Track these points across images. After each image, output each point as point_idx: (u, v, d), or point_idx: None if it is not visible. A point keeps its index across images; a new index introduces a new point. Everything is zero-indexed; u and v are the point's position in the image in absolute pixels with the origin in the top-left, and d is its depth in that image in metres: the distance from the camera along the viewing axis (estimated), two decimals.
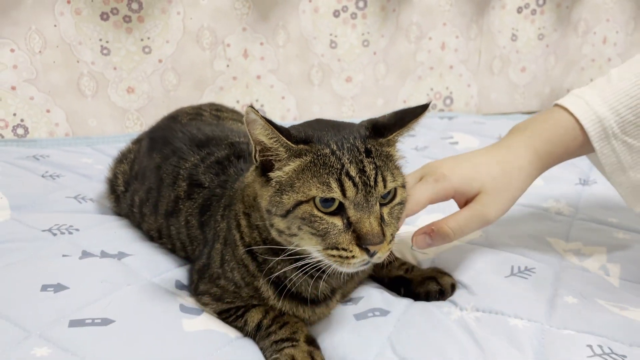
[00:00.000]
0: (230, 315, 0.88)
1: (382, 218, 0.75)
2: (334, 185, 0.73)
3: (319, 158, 0.74)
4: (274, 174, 0.77)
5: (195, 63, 1.70)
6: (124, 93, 1.67)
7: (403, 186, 0.80)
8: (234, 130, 1.16)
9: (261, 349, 0.83)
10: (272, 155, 0.77)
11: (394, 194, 0.78)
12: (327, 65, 1.85)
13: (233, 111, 1.39)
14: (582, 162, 1.33)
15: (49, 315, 0.82)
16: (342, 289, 0.93)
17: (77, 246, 1.04)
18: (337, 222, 0.73)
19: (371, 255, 0.73)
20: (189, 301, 0.93)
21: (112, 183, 1.26)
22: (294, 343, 0.80)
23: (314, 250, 0.75)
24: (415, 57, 1.93)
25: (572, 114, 0.94)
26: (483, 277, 1.00)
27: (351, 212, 0.73)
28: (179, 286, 0.97)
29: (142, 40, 1.63)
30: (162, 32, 1.64)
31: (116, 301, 0.88)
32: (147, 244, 1.10)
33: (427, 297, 0.95)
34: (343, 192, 0.73)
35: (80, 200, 1.28)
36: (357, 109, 1.91)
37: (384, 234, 0.73)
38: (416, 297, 0.95)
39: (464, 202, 0.94)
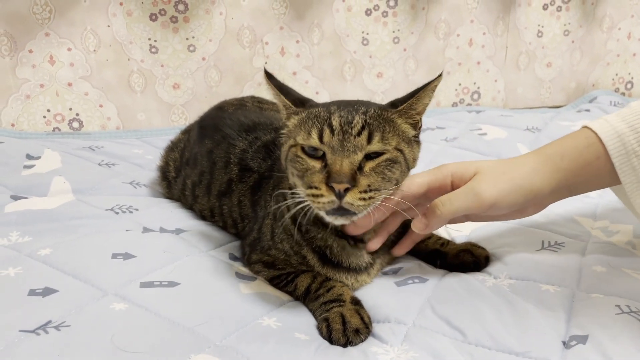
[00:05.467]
0: (281, 281, 0.96)
1: (360, 168, 0.81)
2: (315, 134, 0.82)
3: (312, 114, 0.85)
4: (284, 130, 0.90)
5: (236, 60, 1.80)
6: (170, 89, 1.78)
7: (399, 151, 0.84)
8: (277, 118, 1.26)
9: (310, 310, 0.90)
10: (284, 115, 0.91)
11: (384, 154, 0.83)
12: (359, 61, 1.93)
13: (273, 103, 1.47)
14: None
15: (121, 278, 0.91)
16: (382, 259, 1.00)
17: (138, 223, 1.14)
18: (316, 164, 0.83)
19: (339, 196, 0.78)
20: (243, 270, 1.01)
21: (164, 170, 1.35)
22: (341, 303, 0.87)
23: (302, 193, 0.84)
24: (443, 53, 2.00)
25: (591, 129, 0.90)
26: (515, 251, 1.06)
27: (329, 156, 0.81)
28: (233, 258, 1.06)
29: (187, 39, 1.74)
30: (206, 31, 1.75)
31: (179, 268, 0.96)
32: (200, 222, 1.19)
33: (462, 268, 1.00)
34: (320, 138, 0.82)
35: (135, 186, 1.38)
36: None
37: (354, 179, 0.79)
38: (451, 268, 1.01)
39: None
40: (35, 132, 1.69)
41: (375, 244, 0.96)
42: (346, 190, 0.78)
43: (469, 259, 1.02)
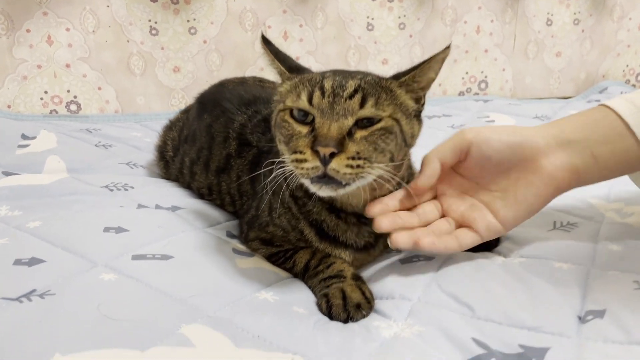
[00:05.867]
0: (279, 258, 0.92)
1: (350, 135, 0.74)
2: (304, 96, 0.77)
3: (305, 78, 0.81)
4: (276, 96, 0.85)
5: (238, 44, 1.76)
6: (170, 72, 1.74)
7: (395, 121, 0.78)
8: None
9: (310, 287, 0.86)
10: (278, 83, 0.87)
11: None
12: (364, 47, 1.89)
13: (275, 82, 1.44)
14: None
15: (112, 250, 0.87)
16: (385, 240, 0.96)
17: (133, 200, 1.10)
18: (303, 129, 0.77)
19: (324, 162, 0.72)
20: (241, 247, 0.97)
21: (162, 150, 1.32)
22: (342, 279, 0.83)
23: (287, 160, 0.77)
24: (450, 40, 1.96)
25: (608, 107, 0.84)
26: (526, 230, 1.02)
27: (317, 120, 0.75)
28: (230, 236, 1.02)
29: (188, 21, 1.70)
30: (207, 13, 1.71)
31: (173, 243, 0.92)
32: (197, 200, 1.15)
33: (471, 248, 0.97)
34: (310, 100, 0.77)
35: (132, 166, 1.34)
36: None
37: (342, 145, 0.72)
38: None
39: None
40: (32, 114, 1.65)
41: (374, 208, 0.84)
42: (332, 155, 0.72)
43: None
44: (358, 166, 0.73)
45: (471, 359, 0.66)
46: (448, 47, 0.81)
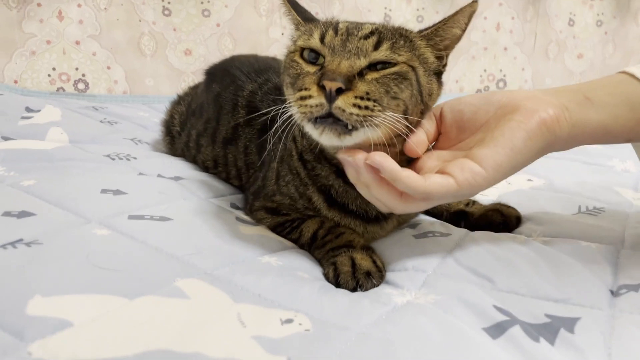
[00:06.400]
0: (285, 229, 0.86)
1: (361, 75, 0.69)
2: (316, 34, 0.72)
3: (320, 22, 0.77)
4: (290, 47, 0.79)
5: (252, 29, 1.72)
6: (182, 55, 1.70)
7: (412, 68, 0.72)
8: None
9: (316, 258, 0.80)
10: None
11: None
12: None
13: None
14: None
15: (108, 209, 0.82)
16: (398, 216, 0.89)
17: (135, 169, 1.05)
18: (311, 69, 0.71)
19: (329, 99, 0.65)
20: (245, 217, 0.91)
21: (169, 124, 1.27)
22: (351, 249, 0.77)
23: (291, 100, 0.71)
24: (469, 36, 1.91)
25: (626, 72, 0.75)
26: (549, 213, 0.96)
27: (327, 59, 0.70)
28: (234, 207, 0.96)
29: (202, 3, 1.67)
30: None
31: (173, 208, 0.87)
32: (202, 173, 1.10)
33: (490, 228, 0.90)
34: (322, 39, 0.71)
35: (136, 142, 1.30)
36: None
37: (350, 83, 0.66)
38: (477, 229, 0.91)
39: None
40: (38, 90, 1.62)
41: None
42: (339, 92, 0.65)
43: (498, 218, 0.92)
44: (367, 107, 0.66)
45: (492, 325, 0.60)
46: (475, 1, 0.75)
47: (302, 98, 0.68)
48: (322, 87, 0.66)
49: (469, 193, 0.68)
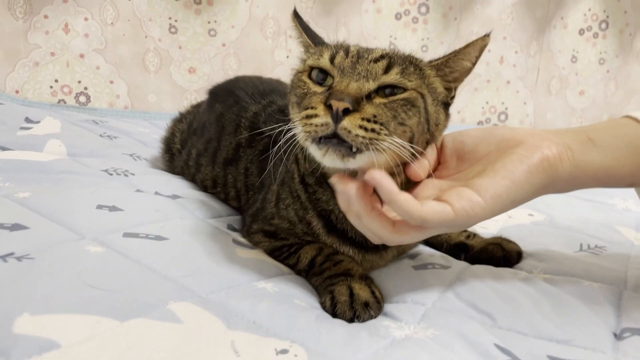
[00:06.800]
0: (282, 253, 0.85)
1: (369, 97, 0.68)
2: (326, 54, 0.72)
3: (331, 44, 0.76)
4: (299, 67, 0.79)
5: (257, 50, 1.73)
6: (186, 72, 1.70)
7: (421, 95, 0.71)
8: None
9: (313, 285, 0.78)
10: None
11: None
12: None
13: None
14: None
15: (103, 226, 0.80)
16: (397, 246, 0.88)
17: (132, 185, 1.04)
18: (318, 89, 0.71)
19: (336, 119, 0.64)
20: (242, 240, 0.90)
21: (169, 141, 1.26)
22: (350, 278, 0.75)
23: (296, 119, 0.69)
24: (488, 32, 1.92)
25: (630, 116, 0.75)
26: (550, 250, 0.94)
27: (336, 80, 0.69)
28: (231, 229, 0.95)
29: (209, 22, 1.68)
30: (229, 17, 1.68)
31: (170, 226, 0.85)
32: (200, 192, 1.08)
33: (490, 262, 0.88)
34: (332, 59, 0.71)
35: (135, 158, 1.28)
36: None
37: (358, 104, 0.65)
38: (478, 263, 0.89)
39: None
40: (39, 101, 1.61)
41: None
42: (346, 113, 0.64)
43: (499, 253, 0.90)
44: (373, 130, 0.65)
45: None
46: (487, 35, 0.74)
47: (308, 117, 0.66)
48: (329, 107, 0.65)
49: (465, 223, 0.66)
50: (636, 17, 2.01)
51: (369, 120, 0.65)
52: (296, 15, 0.83)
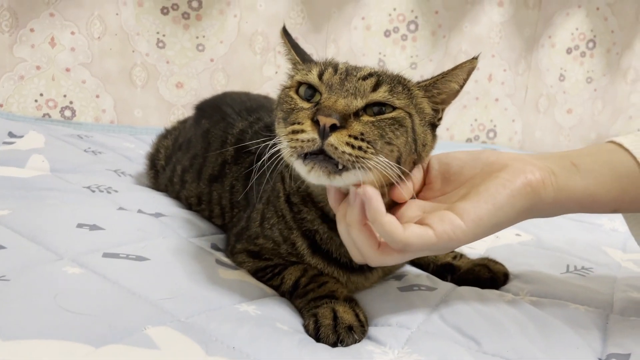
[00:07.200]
0: (266, 274, 0.83)
1: (357, 115, 0.67)
2: (315, 71, 0.71)
3: (320, 61, 0.76)
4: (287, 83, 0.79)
5: (246, 66, 1.72)
6: (173, 87, 1.69)
7: (408, 115, 0.71)
8: None
9: (297, 308, 0.77)
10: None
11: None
12: None
13: None
14: None
15: (82, 246, 0.79)
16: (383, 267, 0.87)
17: (115, 203, 1.02)
18: (306, 105, 0.70)
19: (323, 135, 0.63)
20: (225, 260, 0.88)
21: (154, 157, 1.25)
22: (334, 300, 0.73)
23: (281, 135, 0.68)
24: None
25: (614, 142, 0.75)
26: (537, 271, 0.94)
27: (324, 95, 0.68)
28: (215, 248, 0.93)
29: (197, 37, 1.67)
30: (218, 32, 1.68)
31: (151, 246, 0.84)
32: (184, 210, 1.07)
33: (477, 284, 0.88)
34: (320, 75, 0.71)
35: (119, 174, 1.27)
36: None
37: (346, 121, 0.65)
38: (464, 284, 0.88)
39: None
40: (23, 115, 1.59)
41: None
42: (333, 129, 0.63)
43: (486, 274, 0.89)
44: (360, 148, 0.64)
45: None
46: (475, 58, 0.74)
47: (294, 132, 0.65)
48: (316, 123, 0.64)
49: (447, 247, 0.66)
50: (623, 37, 2.03)
51: (356, 138, 0.64)
52: (285, 32, 0.83)
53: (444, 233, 0.63)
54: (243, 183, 0.96)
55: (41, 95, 1.60)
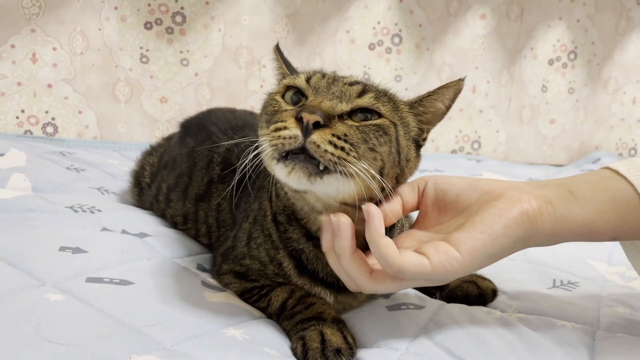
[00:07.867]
0: (253, 295, 0.82)
1: (341, 118, 0.67)
2: (303, 75, 0.73)
3: (309, 72, 0.76)
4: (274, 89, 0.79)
5: (230, 80, 1.71)
6: (157, 102, 1.68)
7: (393, 125, 0.71)
8: None
9: (285, 330, 0.76)
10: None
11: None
12: None
13: None
14: None
15: (65, 270, 0.77)
16: None
17: (98, 223, 1.01)
18: (290, 107, 0.70)
19: (305, 132, 0.63)
20: (211, 281, 0.87)
21: (138, 175, 1.23)
22: (321, 322, 0.73)
23: (264, 137, 0.67)
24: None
25: (610, 168, 0.74)
26: (525, 287, 0.94)
27: (310, 97, 0.69)
28: (201, 269, 0.92)
29: (181, 52, 1.66)
30: (202, 46, 1.67)
31: (136, 269, 0.83)
32: (170, 229, 1.05)
33: (465, 301, 0.88)
34: (308, 79, 0.72)
35: (103, 192, 1.25)
36: None
37: (330, 120, 0.65)
38: (452, 301, 0.88)
39: None
40: (4, 132, 1.56)
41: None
42: (317, 126, 0.63)
43: (474, 291, 0.89)
44: (342, 149, 0.64)
45: None
46: (462, 80, 0.75)
47: (277, 130, 0.65)
48: (299, 120, 0.64)
49: (442, 278, 0.65)
50: (603, 48, 2.06)
51: (339, 138, 0.64)
52: (278, 49, 0.85)
53: (440, 264, 0.63)
54: (229, 202, 0.95)
55: (22, 111, 1.58)
